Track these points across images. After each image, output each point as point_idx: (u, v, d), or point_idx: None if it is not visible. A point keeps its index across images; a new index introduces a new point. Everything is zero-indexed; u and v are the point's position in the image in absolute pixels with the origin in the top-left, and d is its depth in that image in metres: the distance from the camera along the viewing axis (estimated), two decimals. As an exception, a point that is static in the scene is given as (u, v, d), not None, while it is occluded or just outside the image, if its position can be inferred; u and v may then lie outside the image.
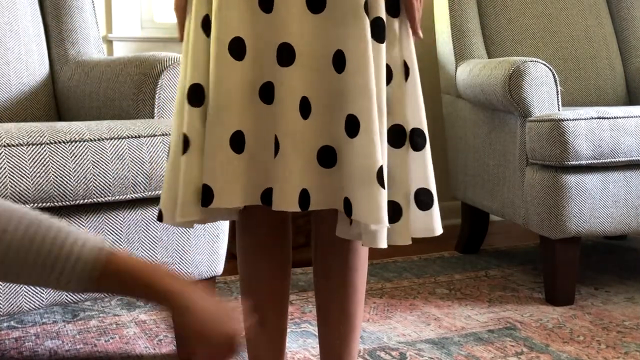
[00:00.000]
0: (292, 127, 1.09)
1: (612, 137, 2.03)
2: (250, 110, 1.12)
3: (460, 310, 2.07)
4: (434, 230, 1.16)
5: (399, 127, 1.14)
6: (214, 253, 1.65)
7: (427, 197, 1.16)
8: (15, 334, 1.88)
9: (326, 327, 1.30)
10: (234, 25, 1.11)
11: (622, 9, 2.81)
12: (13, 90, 1.97)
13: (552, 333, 1.89)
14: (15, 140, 1.35)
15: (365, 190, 1.08)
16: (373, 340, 1.83)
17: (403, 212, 1.14)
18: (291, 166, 1.09)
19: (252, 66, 1.11)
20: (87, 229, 1.47)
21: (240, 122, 1.11)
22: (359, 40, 1.08)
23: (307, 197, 1.11)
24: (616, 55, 2.76)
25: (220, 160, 1.11)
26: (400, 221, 1.14)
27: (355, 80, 1.08)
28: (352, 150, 1.09)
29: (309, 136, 1.10)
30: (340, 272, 1.27)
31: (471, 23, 2.63)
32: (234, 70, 1.10)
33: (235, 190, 1.12)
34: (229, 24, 1.10)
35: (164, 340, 1.84)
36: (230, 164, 1.11)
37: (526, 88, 2.11)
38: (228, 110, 1.10)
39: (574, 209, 2.04)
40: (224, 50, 1.10)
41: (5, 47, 1.97)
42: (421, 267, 2.51)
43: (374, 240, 1.11)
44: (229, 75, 1.10)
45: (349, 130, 1.10)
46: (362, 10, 1.08)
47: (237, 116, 1.11)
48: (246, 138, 1.12)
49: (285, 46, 1.09)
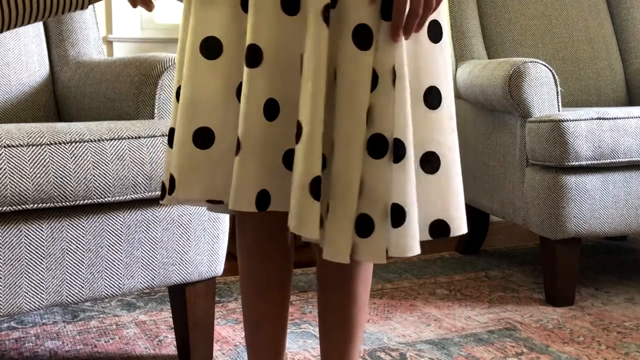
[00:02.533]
0: (252, 128, 1.09)
1: (612, 137, 2.03)
2: (222, 109, 1.13)
3: (461, 310, 2.07)
4: (405, 249, 1.08)
5: (380, 136, 1.07)
6: (214, 253, 1.65)
7: (399, 213, 1.07)
8: (15, 335, 1.88)
9: (328, 339, 1.29)
10: (210, 25, 1.12)
11: (622, 9, 2.81)
12: (13, 91, 1.97)
13: (552, 334, 1.89)
14: (15, 141, 1.35)
15: (295, 197, 1.06)
16: (373, 341, 1.83)
17: (376, 228, 1.07)
18: (249, 166, 1.09)
19: (229, 65, 1.13)
20: (88, 229, 1.47)
21: (208, 119, 1.13)
22: (314, 45, 1.06)
23: (267, 198, 1.11)
24: (616, 56, 2.76)
25: (184, 153, 1.13)
26: (372, 237, 1.07)
27: (306, 85, 1.07)
28: (296, 156, 1.08)
29: (272, 138, 1.10)
30: (345, 287, 1.26)
31: (471, 24, 2.63)
32: (205, 69, 1.12)
33: (195, 183, 1.13)
34: (205, 23, 1.12)
35: (164, 341, 1.84)
36: (192, 158, 1.13)
37: (526, 89, 2.11)
38: (194, 106, 1.12)
39: (574, 209, 2.04)
40: (195, 50, 1.13)
41: (5, 47, 1.97)
42: (421, 267, 2.51)
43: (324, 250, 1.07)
44: (199, 74, 1.12)
45: (296, 136, 1.09)
46: (320, 15, 1.06)
47: (205, 113, 1.13)
48: (216, 136, 1.13)
49: (253, 47, 1.09)
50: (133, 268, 1.53)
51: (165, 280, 1.58)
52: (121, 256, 1.51)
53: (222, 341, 1.84)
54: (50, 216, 1.42)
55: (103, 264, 1.49)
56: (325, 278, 1.27)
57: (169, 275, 1.58)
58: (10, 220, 1.37)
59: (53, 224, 1.42)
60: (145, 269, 1.55)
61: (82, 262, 1.46)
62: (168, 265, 1.58)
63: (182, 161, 1.13)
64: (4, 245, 1.37)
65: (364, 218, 1.08)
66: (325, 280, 1.27)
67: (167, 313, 2.04)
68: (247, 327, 1.30)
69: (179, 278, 1.60)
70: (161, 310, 2.07)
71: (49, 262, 1.42)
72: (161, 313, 2.05)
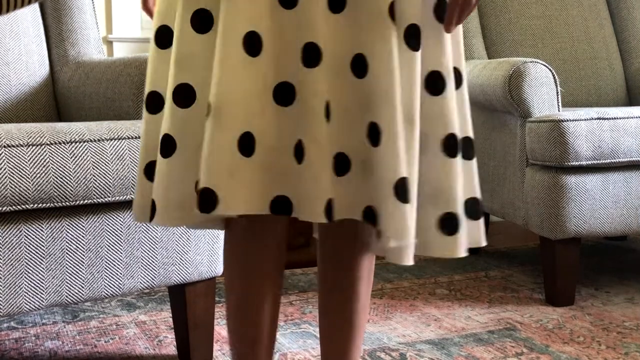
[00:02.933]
0: (318, 132, 1.02)
1: (612, 137, 2.03)
2: (261, 112, 1.03)
3: (461, 310, 2.07)
4: (479, 241, 1.13)
5: (453, 136, 1.08)
6: (214, 253, 1.65)
7: (476, 207, 1.12)
8: (15, 335, 1.88)
9: (329, 339, 1.28)
10: (247, 18, 1.02)
11: (622, 9, 2.81)
12: (13, 91, 1.97)
13: (552, 334, 1.89)
14: (15, 141, 1.35)
15: (388, 203, 1.03)
16: (373, 341, 1.83)
17: (461, 224, 1.09)
18: (318, 174, 1.02)
19: (268, 64, 1.03)
20: (88, 229, 1.47)
21: (248, 123, 1.02)
22: (384, 46, 1.02)
23: (331, 207, 1.04)
24: (616, 56, 2.76)
25: (227, 163, 1.02)
26: (459, 232, 1.09)
27: (379, 86, 1.03)
28: (376, 159, 1.04)
29: (329, 142, 1.04)
30: (347, 288, 1.24)
31: (471, 24, 2.63)
32: (244, 68, 1.02)
33: (244, 196, 1.03)
34: (242, 17, 1.01)
35: (164, 341, 1.84)
36: (238, 168, 1.02)
37: (526, 89, 2.11)
38: (234, 110, 1.02)
39: (574, 209, 2.04)
40: (235, 45, 1.01)
41: (5, 47, 1.97)
42: (421, 267, 2.51)
43: (398, 256, 1.05)
44: (238, 73, 1.02)
45: (372, 139, 1.04)
46: (387, 15, 1.03)
47: (245, 117, 1.02)
48: (257, 141, 1.03)
49: (311, 46, 1.03)
50: (133, 268, 1.53)
51: (165, 280, 1.58)
52: (121, 256, 1.51)
53: (222, 341, 1.84)
54: (50, 216, 1.42)
55: (103, 264, 1.49)
56: (327, 279, 1.26)
57: (169, 275, 1.58)
58: (10, 220, 1.37)
59: (53, 224, 1.42)
60: (145, 269, 1.55)
61: (82, 262, 1.46)
62: (168, 265, 1.58)
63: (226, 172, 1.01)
64: (4, 245, 1.37)
65: (451, 217, 1.09)
66: (327, 281, 1.26)
67: (167, 313, 2.04)
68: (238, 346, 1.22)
69: (179, 278, 1.60)
70: (161, 310, 2.07)
71: (49, 262, 1.42)
72: (161, 313, 2.05)
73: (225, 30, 1.01)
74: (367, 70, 1.04)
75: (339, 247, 1.23)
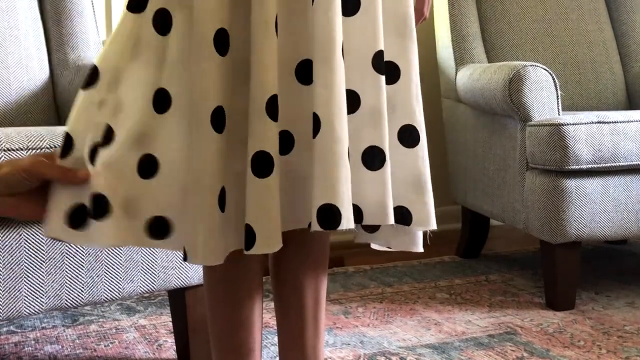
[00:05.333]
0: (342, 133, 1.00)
1: (612, 141, 2.03)
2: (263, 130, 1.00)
3: (461, 315, 2.06)
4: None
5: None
6: (214, 257, 1.64)
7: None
8: (14, 339, 1.88)
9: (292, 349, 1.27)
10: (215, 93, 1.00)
11: (622, 13, 2.82)
12: (13, 95, 1.96)
13: (552, 338, 1.88)
14: (15, 145, 1.35)
15: (422, 197, 1.09)
16: (373, 345, 1.83)
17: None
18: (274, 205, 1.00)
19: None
20: (87, 233, 1.47)
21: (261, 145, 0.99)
22: (412, 52, 1.09)
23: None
24: (616, 59, 2.76)
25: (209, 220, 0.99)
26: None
27: (410, 90, 1.10)
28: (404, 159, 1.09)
29: None
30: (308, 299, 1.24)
31: (471, 27, 2.63)
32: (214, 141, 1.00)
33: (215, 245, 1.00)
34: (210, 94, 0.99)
35: (164, 345, 1.84)
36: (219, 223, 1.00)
37: (526, 92, 2.11)
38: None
39: (574, 213, 2.04)
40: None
41: (6, 51, 1.97)
42: (421, 271, 2.50)
43: (415, 243, 1.12)
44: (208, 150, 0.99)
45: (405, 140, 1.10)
46: (412, 21, 1.09)
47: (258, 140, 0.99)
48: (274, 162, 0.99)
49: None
50: (133, 272, 1.53)
51: (165, 284, 1.58)
52: (121, 260, 1.51)
53: (222, 345, 1.83)
54: (50, 220, 1.42)
55: (103, 268, 1.49)
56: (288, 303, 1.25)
57: (168, 279, 1.58)
58: (10, 224, 1.37)
59: (53, 227, 1.42)
60: (145, 273, 1.55)
61: (82, 266, 1.46)
62: (168, 269, 1.57)
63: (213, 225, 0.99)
64: (3, 249, 1.37)
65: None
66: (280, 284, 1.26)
67: (167, 317, 2.03)
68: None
69: (178, 282, 1.59)
70: (161, 314, 2.07)
71: (48, 265, 1.42)
72: (161, 317, 2.04)
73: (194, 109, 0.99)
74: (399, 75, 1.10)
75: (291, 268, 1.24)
